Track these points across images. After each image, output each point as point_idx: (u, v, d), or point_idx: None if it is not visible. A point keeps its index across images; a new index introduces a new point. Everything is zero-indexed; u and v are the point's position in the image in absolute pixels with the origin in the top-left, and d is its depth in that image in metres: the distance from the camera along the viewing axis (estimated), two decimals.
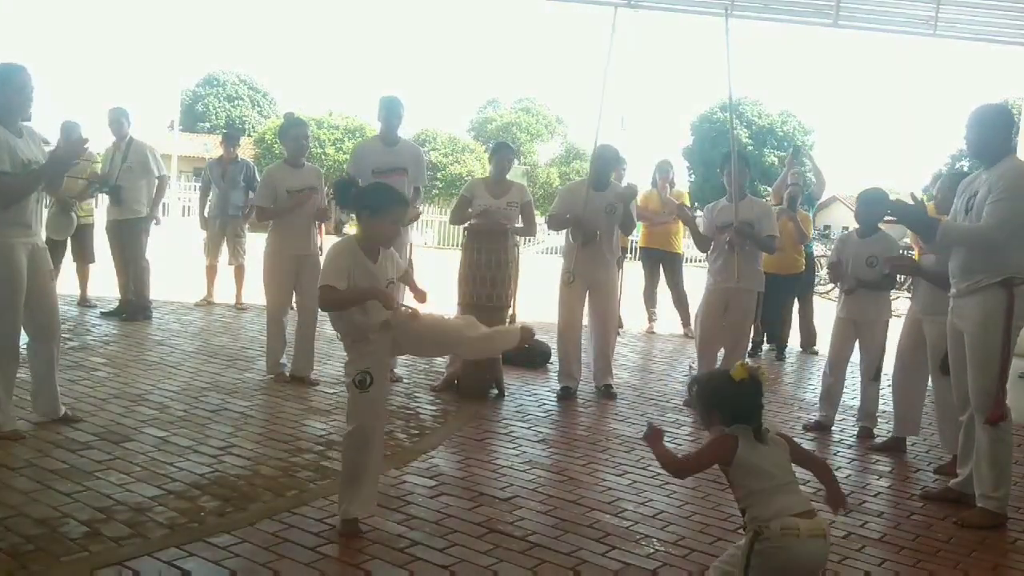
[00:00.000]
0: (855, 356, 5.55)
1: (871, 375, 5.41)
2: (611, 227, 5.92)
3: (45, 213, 4.37)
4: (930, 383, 4.97)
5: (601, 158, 5.96)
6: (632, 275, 9.72)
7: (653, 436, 2.68)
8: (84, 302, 8.16)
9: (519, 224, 6.03)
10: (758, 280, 5.83)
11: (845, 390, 5.77)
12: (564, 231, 6.06)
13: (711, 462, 2.62)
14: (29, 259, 4.17)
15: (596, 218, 5.78)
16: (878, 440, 5.26)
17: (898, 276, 5.82)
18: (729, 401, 2.60)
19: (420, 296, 3.46)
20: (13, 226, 4.10)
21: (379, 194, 3.28)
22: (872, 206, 5.30)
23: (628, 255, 9.63)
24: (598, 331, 6.04)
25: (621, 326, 6.28)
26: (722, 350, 5.89)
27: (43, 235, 4.41)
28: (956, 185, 4.37)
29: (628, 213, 5.95)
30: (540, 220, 9.60)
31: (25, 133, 4.20)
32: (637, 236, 9.85)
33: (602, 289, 5.96)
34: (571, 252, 5.91)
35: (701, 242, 5.94)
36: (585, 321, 6.11)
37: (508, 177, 6.05)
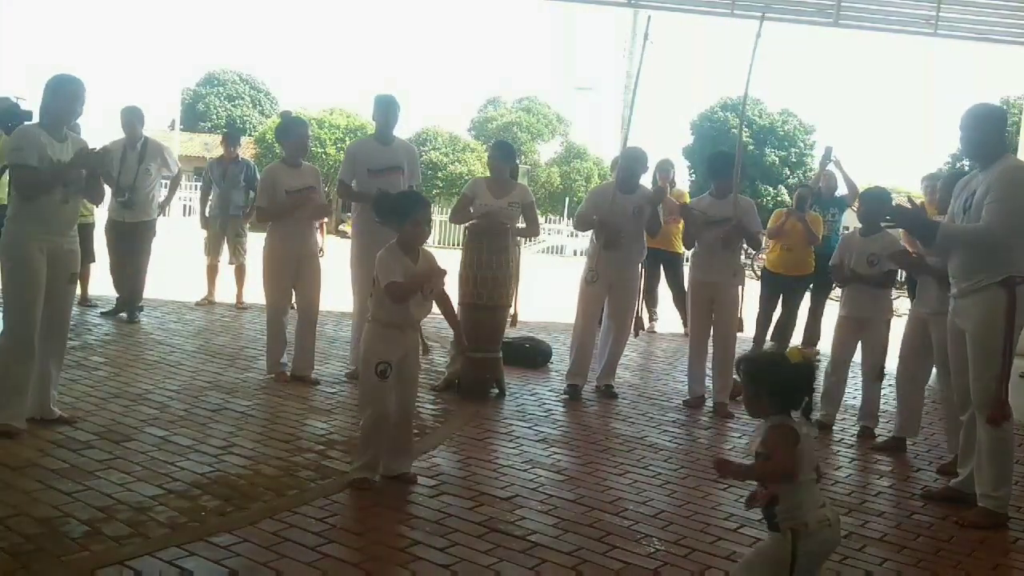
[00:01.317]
0: (856, 355, 5.56)
1: (874, 375, 5.42)
2: (638, 229, 5.94)
3: (68, 213, 4.31)
4: (933, 383, 4.97)
5: (629, 160, 5.96)
6: None
7: (721, 467, 2.67)
8: (84, 301, 8.15)
9: (521, 224, 6.03)
10: (740, 273, 5.91)
11: (847, 389, 5.78)
12: (590, 231, 6.10)
13: (793, 457, 2.52)
14: (49, 259, 4.17)
15: (622, 221, 5.79)
16: (879, 439, 5.27)
17: (899, 274, 5.84)
18: (782, 384, 2.58)
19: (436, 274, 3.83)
20: (33, 221, 4.11)
21: (404, 201, 3.91)
22: (874, 205, 5.36)
23: None
24: (614, 333, 6.05)
25: (643, 327, 6.29)
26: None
27: (71, 238, 4.37)
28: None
29: (655, 215, 5.97)
30: (542, 220, 9.59)
31: (69, 139, 4.23)
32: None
33: (623, 289, 5.97)
34: (596, 251, 5.93)
35: (690, 240, 5.99)
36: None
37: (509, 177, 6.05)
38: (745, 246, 6.02)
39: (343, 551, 3.13)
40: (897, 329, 5.39)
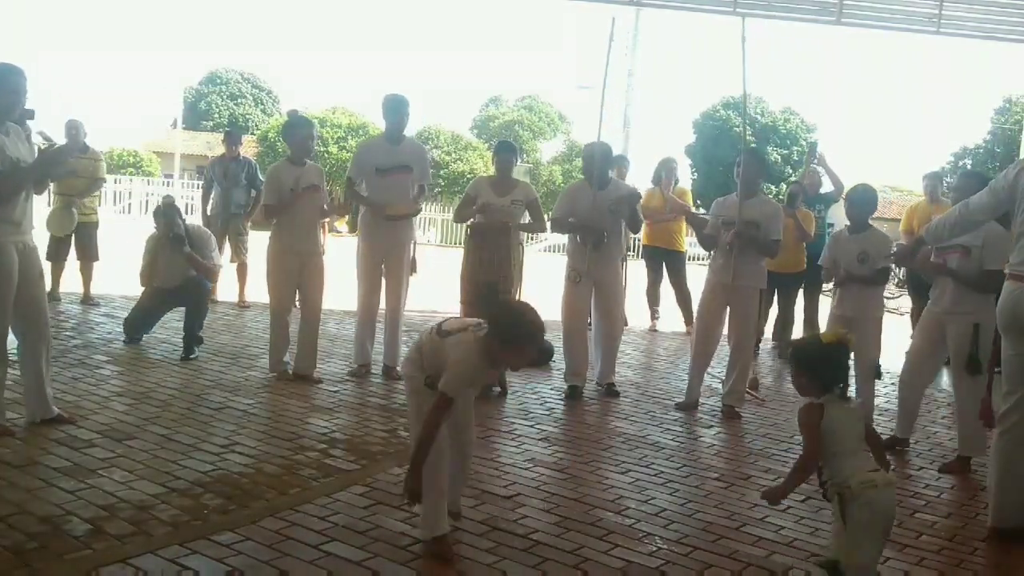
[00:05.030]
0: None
1: (870, 373, 5.40)
2: (616, 225, 5.90)
3: (31, 211, 4.30)
4: (945, 383, 4.96)
5: (594, 156, 5.80)
6: (635, 273, 9.71)
7: (769, 497, 3.01)
8: (87, 300, 8.16)
9: (525, 222, 6.04)
10: (759, 277, 5.69)
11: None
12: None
13: (816, 435, 2.85)
14: (21, 258, 4.14)
15: (600, 218, 5.74)
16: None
17: (891, 271, 5.80)
18: (819, 363, 2.92)
19: None
20: (6, 224, 4.06)
21: (521, 329, 3.02)
22: (861, 203, 5.38)
23: (631, 253, 9.62)
24: (604, 330, 6.02)
25: (626, 324, 6.25)
26: (727, 350, 5.87)
27: (32, 234, 4.34)
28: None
29: (634, 213, 5.93)
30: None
31: (12, 132, 4.17)
32: (640, 234, 9.83)
33: (608, 287, 5.94)
34: (577, 251, 5.88)
35: (707, 243, 5.83)
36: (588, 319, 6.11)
37: (513, 175, 6.06)
38: None
39: (346, 549, 3.13)
40: (895, 327, 5.40)
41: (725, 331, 5.83)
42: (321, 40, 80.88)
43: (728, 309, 5.69)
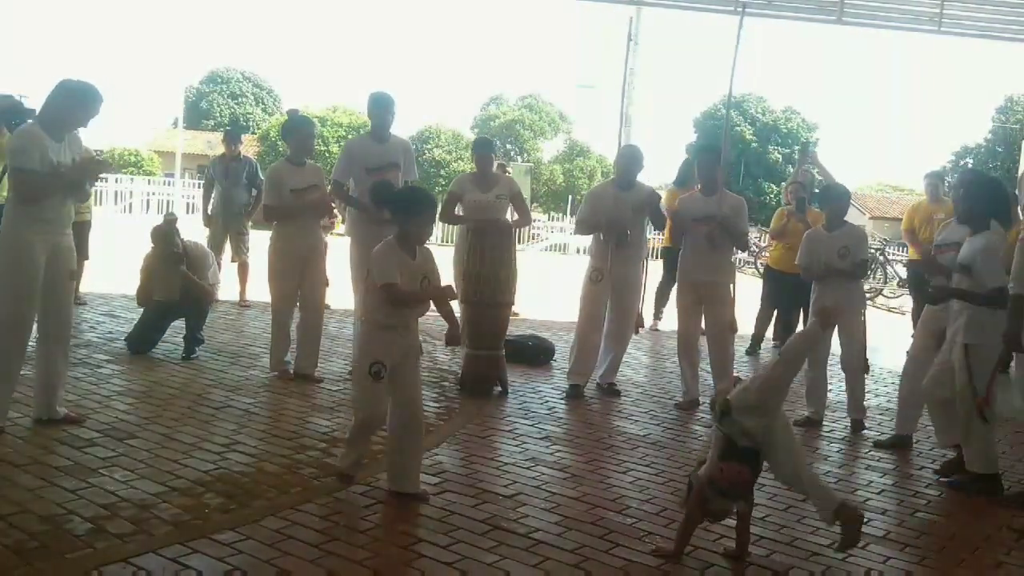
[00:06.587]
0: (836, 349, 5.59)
1: (855, 367, 5.44)
2: (639, 226, 5.92)
3: (68, 211, 4.30)
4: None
5: (626, 158, 5.95)
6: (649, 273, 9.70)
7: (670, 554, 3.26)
8: (76, 299, 8.13)
9: (510, 216, 6.05)
10: (730, 274, 5.84)
11: (831, 386, 5.81)
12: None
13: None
14: (49, 257, 4.16)
15: (624, 218, 5.77)
16: (882, 437, 5.25)
17: (869, 265, 5.83)
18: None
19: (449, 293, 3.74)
20: (35, 222, 4.09)
21: (413, 198, 3.74)
22: (838, 201, 5.54)
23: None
24: (618, 329, 6.00)
25: (641, 325, 6.27)
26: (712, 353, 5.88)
27: (67, 235, 4.36)
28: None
29: (658, 211, 5.95)
30: (544, 218, 9.56)
31: (66, 139, 4.19)
32: (659, 235, 9.83)
33: (627, 287, 5.94)
34: (600, 250, 5.89)
35: (677, 239, 5.93)
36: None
37: (508, 174, 6.07)
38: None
39: (347, 549, 3.13)
40: (896, 326, 5.40)
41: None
42: (322, 39, 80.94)
43: (704, 306, 5.77)
